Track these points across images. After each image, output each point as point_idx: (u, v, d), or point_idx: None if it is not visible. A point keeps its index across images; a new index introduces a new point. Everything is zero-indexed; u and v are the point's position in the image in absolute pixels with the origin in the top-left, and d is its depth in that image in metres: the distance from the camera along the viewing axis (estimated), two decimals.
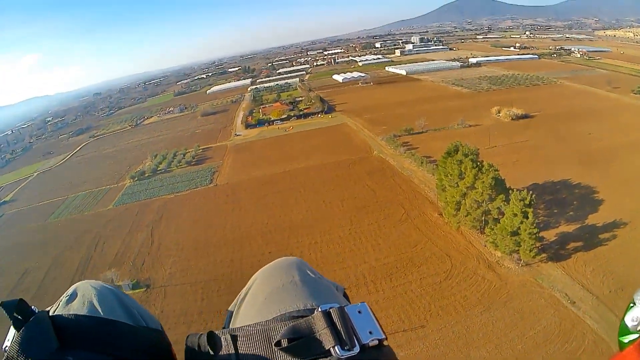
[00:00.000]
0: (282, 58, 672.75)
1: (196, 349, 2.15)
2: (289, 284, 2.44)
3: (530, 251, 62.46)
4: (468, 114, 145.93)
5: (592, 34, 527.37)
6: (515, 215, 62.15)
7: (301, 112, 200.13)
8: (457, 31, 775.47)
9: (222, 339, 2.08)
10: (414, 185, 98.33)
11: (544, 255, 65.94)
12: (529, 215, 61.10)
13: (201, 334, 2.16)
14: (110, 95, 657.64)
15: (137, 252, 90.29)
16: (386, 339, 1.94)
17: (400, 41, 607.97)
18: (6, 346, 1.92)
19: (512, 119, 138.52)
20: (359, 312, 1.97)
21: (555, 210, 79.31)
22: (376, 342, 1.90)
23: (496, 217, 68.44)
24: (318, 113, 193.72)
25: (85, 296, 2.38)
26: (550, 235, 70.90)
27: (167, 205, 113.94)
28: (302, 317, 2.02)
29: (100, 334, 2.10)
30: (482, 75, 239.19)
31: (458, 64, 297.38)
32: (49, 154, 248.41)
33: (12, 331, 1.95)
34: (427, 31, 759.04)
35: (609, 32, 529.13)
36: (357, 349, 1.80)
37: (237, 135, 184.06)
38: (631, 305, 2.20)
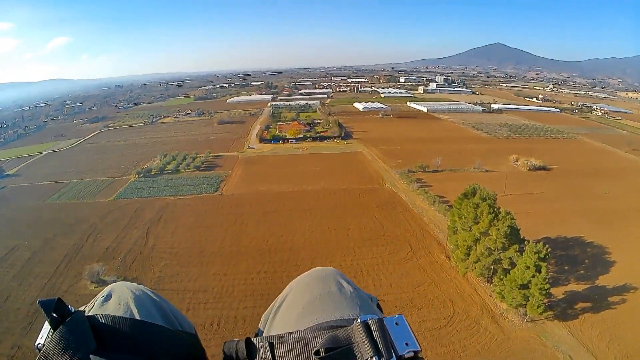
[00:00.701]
0: (306, 80, 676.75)
1: (233, 355, 2.17)
2: (326, 294, 2.50)
3: (538, 307, 59.27)
4: (485, 158, 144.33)
5: (615, 94, 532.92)
6: (528, 268, 59.57)
7: (318, 135, 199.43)
8: (481, 76, 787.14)
9: (259, 346, 2.10)
10: (423, 224, 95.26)
11: (550, 312, 62.85)
12: (542, 270, 58.37)
13: (238, 341, 2.19)
14: (132, 89, 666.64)
15: (129, 249, 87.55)
16: (421, 350, 1.98)
17: (424, 78, 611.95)
18: (39, 343, 1.96)
19: (530, 169, 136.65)
20: (397, 323, 2.02)
21: (566, 267, 76.41)
22: (412, 353, 1.94)
23: (506, 267, 65.74)
24: (335, 138, 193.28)
25: (121, 297, 2.43)
26: (558, 292, 68.19)
27: (169, 207, 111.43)
28: (341, 327, 2.05)
29: (137, 336, 2.11)
30: (502, 122, 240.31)
31: (480, 108, 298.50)
32: (60, 136, 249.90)
33: (46, 329, 1.98)
34: (452, 72, 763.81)
35: (631, 94, 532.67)
36: None
37: (250, 148, 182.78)
38: None
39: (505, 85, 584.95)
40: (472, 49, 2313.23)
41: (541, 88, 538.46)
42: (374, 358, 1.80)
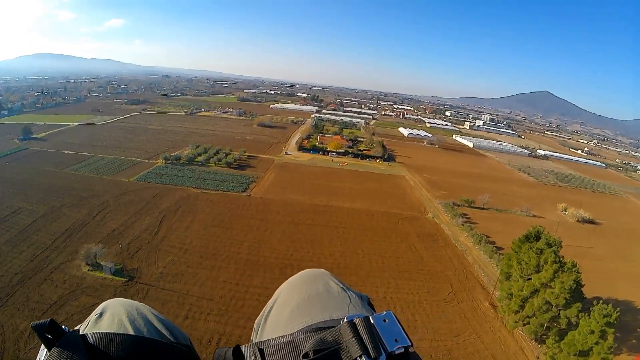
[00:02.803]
0: (352, 99, 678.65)
1: None
2: (315, 296, 2.53)
3: None
4: (532, 203, 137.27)
5: None
6: (592, 332, 51.22)
7: (360, 152, 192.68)
8: (526, 122, 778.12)
9: (249, 352, 2.12)
10: (467, 263, 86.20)
11: None
12: (608, 337, 50.51)
13: (229, 348, 2.19)
14: (178, 81, 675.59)
15: (136, 236, 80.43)
16: (412, 345, 1.99)
17: (470, 115, 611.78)
18: None
19: (578, 221, 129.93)
20: (385, 320, 2.01)
21: (618, 334, 64.33)
22: (402, 349, 1.94)
23: (564, 327, 57.29)
24: (377, 158, 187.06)
25: (114, 314, 2.43)
26: None
27: (189, 199, 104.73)
28: (329, 328, 2.07)
29: (131, 351, 2.11)
30: (549, 169, 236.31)
31: (526, 151, 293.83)
32: (97, 111, 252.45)
33: (42, 351, 1.97)
34: (497, 114, 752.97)
35: None
36: (383, 358, 1.86)
37: (288, 154, 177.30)
38: None
39: (550, 133, 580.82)
40: (519, 94, 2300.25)
41: (585, 142, 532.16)
42: (362, 357, 1.82)
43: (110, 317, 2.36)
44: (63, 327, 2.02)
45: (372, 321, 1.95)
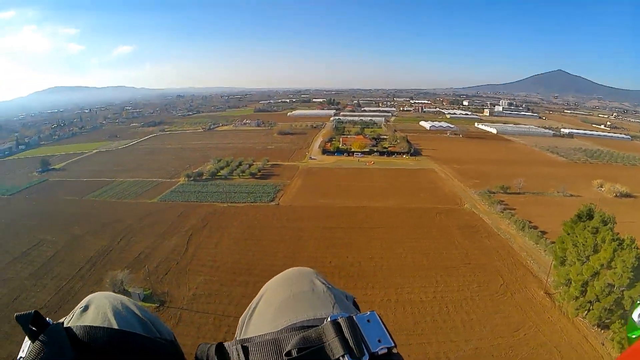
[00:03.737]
0: (368, 99, 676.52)
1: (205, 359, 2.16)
2: (300, 294, 2.50)
3: None
4: (566, 183, 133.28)
5: None
6: None
7: (385, 149, 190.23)
8: (543, 103, 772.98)
9: (232, 350, 2.08)
10: (513, 252, 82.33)
11: None
12: None
13: (212, 344, 2.15)
14: (192, 99, 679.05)
15: (164, 257, 76.83)
16: (395, 346, 1.96)
17: (487, 102, 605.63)
18: (21, 357, 1.96)
19: (616, 196, 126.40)
20: (368, 320, 1.97)
21: None
22: (385, 350, 1.92)
23: (628, 309, 49.21)
24: (403, 154, 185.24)
25: (99, 307, 2.42)
26: None
27: (216, 214, 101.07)
28: (312, 327, 2.05)
29: (115, 345, 2.13)
30: (576, 147, 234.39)
31: (550, 132, 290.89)
32: (114, 137, 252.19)
33: (26, 342, 1.99)
34: (514, 98, 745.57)
35: None
36: (366, 358, 1.84)
37: (312, 159, 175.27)
38: (638, 302, 2.33)
39: (569, 112, 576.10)
40: (533, 76, 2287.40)
41: (605, 116, 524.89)
42: (345, 356, 1.80)
43: (94, 310, 2.35)
44: (47, 319, 2.03)
45: (355, 321, 1.92)
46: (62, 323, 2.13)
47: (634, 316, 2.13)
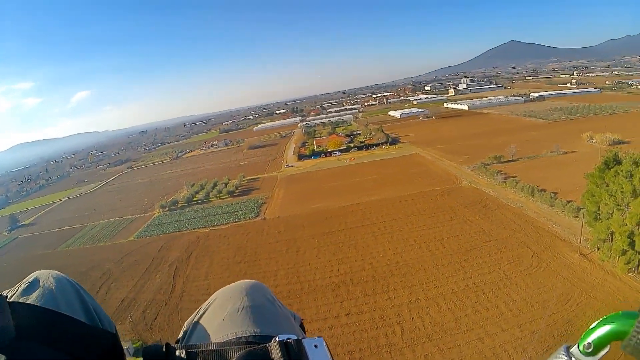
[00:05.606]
0: (331, 101, 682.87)
1: None
2: (249, 308, 2.44)
3: None
4: (557, 142, 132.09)
5: None
6: None
7: (362, 143, 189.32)
8: (503, 74, 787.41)
9: (177, 354, 2.03)
10: (531, 220, 77.89)
11: None
12: None
13: (158, 346, 2.08)
14: (156, 133, 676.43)
15: (150, 300, 68.57)
16: None
17: (449, 83, 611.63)
18: None
19: (609, 145, 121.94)
20: (315, 346, 1.99)
21: None
22: None
23: None
24: (382, 144, 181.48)
25: (45, 287, 2.34)
26: None
27: (200, 241, 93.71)
28: (258, 343, 2.06)
29: (58, 329, 2.05)
30: (551, 108, 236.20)
31: (521, 98, 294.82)
32: (82, 182, 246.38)
33: None
34: (473, 76, 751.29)
35: None
36: None
37: (289, 166, 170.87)
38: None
39: (531, 78, 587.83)
40: (488, 51, 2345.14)
41: (567, 76, 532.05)
42: None
43: (40, 289, 2.27)
44: None
45: (303, 345, 1.94)
46: (5, 297, 2.06)
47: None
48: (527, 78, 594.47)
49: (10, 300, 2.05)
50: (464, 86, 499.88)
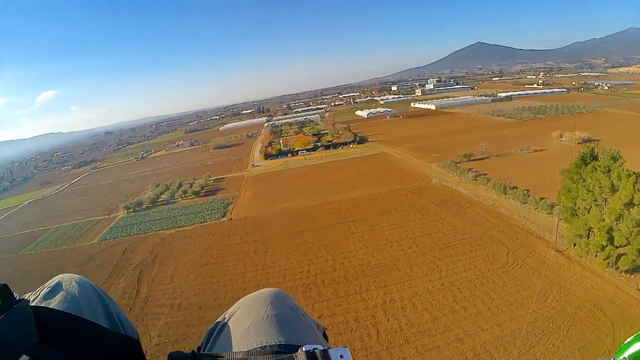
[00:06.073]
0: (298, 102, 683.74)
1: None
2: (273, 317, 2.45)
3: None
4: (526, 140, 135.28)
5: (606, 72, 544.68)
6: None
7: (330, 142, 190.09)
8: (470, 75, 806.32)
9: None
10: (504, 217, 78.94)
11: None
12: None
13: (184, 353, 2.13)
14: (122, 133, 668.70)
15: None
16: None
17: (416, 84, 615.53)
18: None
19: (579, 143, 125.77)
20: (341, 356, 1.96)
21: None
22: None
23: None
24: (349, 143, 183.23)
25: (68, 291, 2.38)
26: None
27: (165, 243, 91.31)
28: (285, 353, 2.06)
29: (79, 334, 2.09)
30: (519, 107, 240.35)
31: (488, 98, 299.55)
32: (46, 184, 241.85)
33: None
34: (440, 77, 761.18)
35: (621, 69, 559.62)
36: None
37: (256, 166, 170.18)
38: (622, 346, 2.30)
39: (497, 79, 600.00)
40: (455, 52, 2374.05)
41: (534, 77, 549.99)
42: None
43: (63, 293, 2.31)
44: (14, 294, 1.98)
45: (329, 355, 1.91)
46: (29, 301, 2.05)
47: None
48: (493, 79, 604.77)
49: (33, 304, 2.03)
50: (431, 86, 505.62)
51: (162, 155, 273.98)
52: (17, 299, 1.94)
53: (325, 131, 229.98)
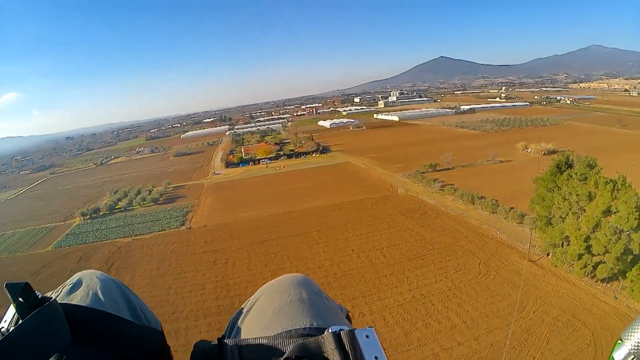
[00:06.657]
0: (260, 111, 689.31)
1: (204, 356, 2.08)
2: (297, 301, 2.37)
3: None
4: (491, 151, 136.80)
5: (567, 87, 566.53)
6: None
7: (292, 152, 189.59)
8: (432, 89, 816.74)
9: (228, 350, 2.03)
10: (473, 227, 78.61)
11: None
12: None
13: (209, 342, 2.09)
14: (82, 139, 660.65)
15: None
16: None
17: (379, 96, 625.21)
18: (2, 327, 1.87)
19: (544, 154, 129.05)
20: (367, 336, 1.90)
21: None
22: None
23: (638, 253, 49.91)
24: (312, 152, 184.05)
25: (89, 287, 2.32)
26: None
27: (121, 251, 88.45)
28: (310, 335, 1.99)
29: (105, 329, 2.05)
30: (482, 119, 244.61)
31: (451, 111, 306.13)
32: (3, 188, 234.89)
33: (11, 312, 1.88)
34: (403, 90, 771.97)
35: (583, 85, 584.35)
36: None
37: (217, 174, 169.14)
38: (618, 342, 2.36)
39: (459, 93, 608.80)
40: (417, 66, 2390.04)
41: (496, 91, 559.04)
42: None
43: (85, 289, 2.26)
44: (36, 292, 1.87)
45: (355, 335, 1.85)
46: (55, 299, 1.91)
47: (615, 357, 1.99)
48: (455, 92, 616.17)
49: (61, 302, 1.93)
50: (394, 99, 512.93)
51: (121, 161, 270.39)
52: (40, 297, 1.82)
53: (288, 140, 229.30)
